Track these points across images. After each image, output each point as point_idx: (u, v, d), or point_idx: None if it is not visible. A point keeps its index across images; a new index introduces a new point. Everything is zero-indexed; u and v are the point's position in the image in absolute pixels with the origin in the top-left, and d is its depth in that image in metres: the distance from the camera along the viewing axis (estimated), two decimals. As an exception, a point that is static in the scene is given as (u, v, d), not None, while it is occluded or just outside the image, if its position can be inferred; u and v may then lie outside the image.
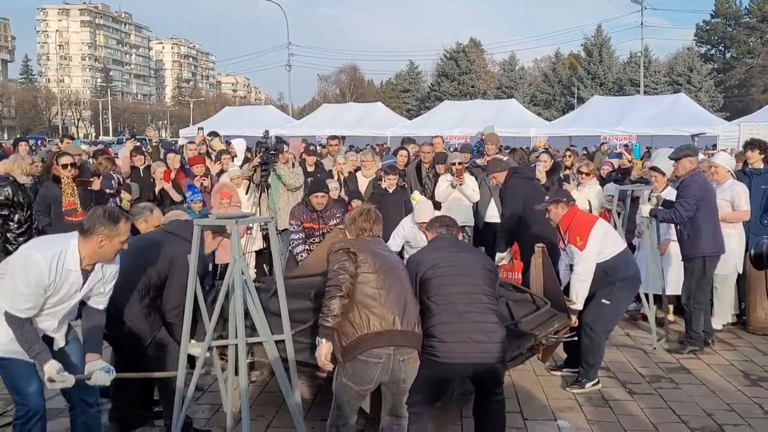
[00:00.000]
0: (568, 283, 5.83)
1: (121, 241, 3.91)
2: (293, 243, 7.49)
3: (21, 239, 7.85)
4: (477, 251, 4.73)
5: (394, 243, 7.08)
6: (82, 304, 4.07)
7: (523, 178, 7.67)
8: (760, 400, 5.69)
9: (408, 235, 7.15)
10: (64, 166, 7.70)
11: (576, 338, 5.76)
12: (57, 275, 3.79)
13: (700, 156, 8.81)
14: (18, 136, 62.04)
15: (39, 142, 31.10)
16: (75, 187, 7.68)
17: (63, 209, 7.53)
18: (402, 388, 4.09)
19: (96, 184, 7.97)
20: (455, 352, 4.08)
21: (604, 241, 5.80)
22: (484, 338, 4.13)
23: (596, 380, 5.93)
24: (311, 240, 7.43)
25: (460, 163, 8.70)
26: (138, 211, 5.37)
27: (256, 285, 4.68)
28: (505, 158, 9.54)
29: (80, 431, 4.17)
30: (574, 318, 5.64)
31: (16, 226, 8.00)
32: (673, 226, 7.22)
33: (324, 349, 3.90)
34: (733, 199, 7.41)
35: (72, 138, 13.41)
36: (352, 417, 4.12)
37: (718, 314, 7.63)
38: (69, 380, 3.78)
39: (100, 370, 3.94)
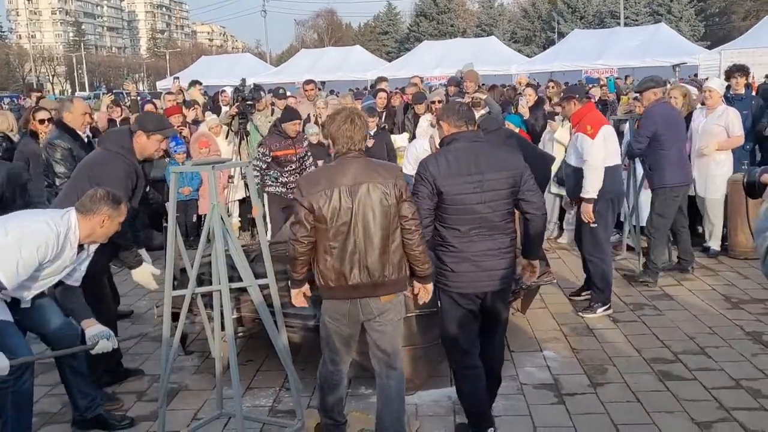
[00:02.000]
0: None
1: (120, 221, 3.98)
2: (262, 178, 7.44)
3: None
4: (504, 153, 4.01)
5: (409, 167, 6.74)
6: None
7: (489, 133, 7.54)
8: (741, 322, 5.79)
9: (422, 156, 7.05)
10: (41, 122, 7.55)
11: (554, 281, 5.95)
12: (58, 251, 3.80)
13: (692, 89, 8.77)
14: (-8, 95, 60.93)
15: (14, 99, 30.53)
16: (51, 143, 7.53)
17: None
18: (381, 326, 3.75)
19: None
20: (463, 282, 3.88)
21: (607, 145, 5.89)
22: (493, 265, 3.88)
23: (608, 305, 6.10)
24: (288, 169, 7.45)
25: (439, 101, 8.61)
26: (60, 106, 5.45)
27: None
28: (485, 96, 9.47)
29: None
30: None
31: None
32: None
33: (293, 293, 3.87)
34: (727, 125, 7.39)
35: (39, 91, 13.11)
36: (339, 362, 3.87)
37: (714, 237, 7.76)
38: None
39: (104, 339, 3.98)
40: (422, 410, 4.46)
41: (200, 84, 13.46)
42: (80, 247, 3.98)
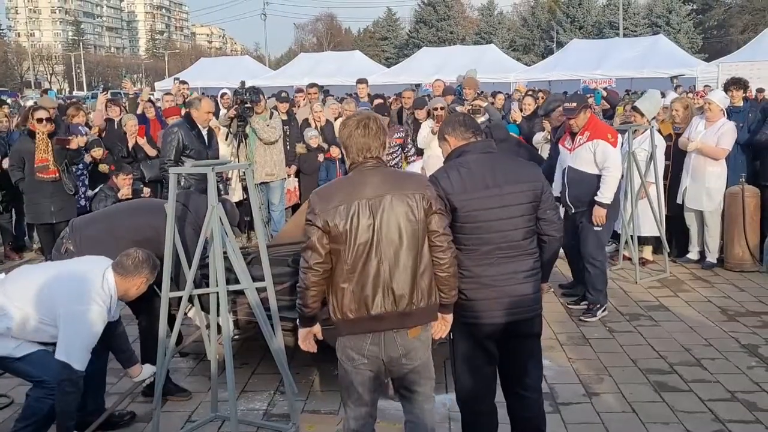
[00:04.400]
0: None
1: (149, 284, 4.08)
2: None
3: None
4: (521, 164, 3.68)
5: None
6: None
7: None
8: (736, 334, 5.79)
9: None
10: (39, 120, 7.52)
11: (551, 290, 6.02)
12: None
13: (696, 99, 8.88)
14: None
15: (12, 98, 30.50)
16: (49, 143, 7.52)
17: (35, 165, 7.38)
18: (406, 367, 3.21)
19: (74, 143, 7.81)
20: (480, 311, 3.39)
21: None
22: (516, 291, 3.40)
23: (605, 306, 6.27)
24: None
25: (441, 108, 8.59)
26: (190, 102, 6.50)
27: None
28: (485, 103, 9.48)
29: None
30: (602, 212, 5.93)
31: None
32: (653, 169, 7.30)
33: (302, 334, 3.37)
34: (718, 138, 7.41)
35: (46, 91, 13.11)
36: (365, 415, 3.28)
37: (711, 249, 7.77)
38: None
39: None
40: (417, 417, 4.43)
41: (185, 84, 13.48)
42: None
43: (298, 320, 3.42)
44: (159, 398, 4.13)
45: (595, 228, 6.06)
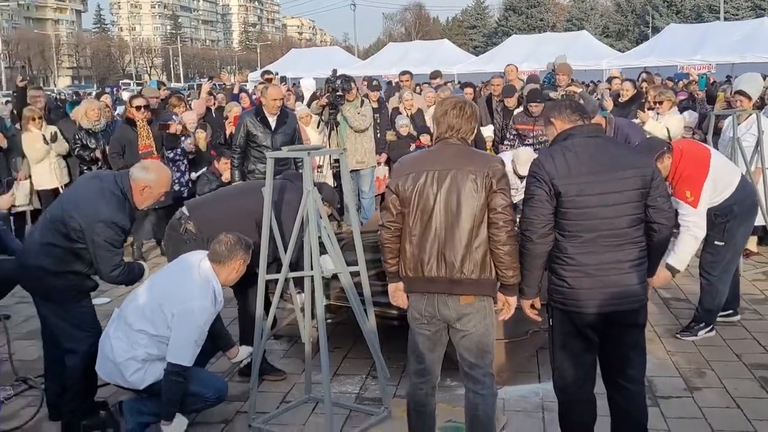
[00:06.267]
0: None
1: (246, 264, 4.15)
2: None
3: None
4: (628, 149, 3.67)
5: None
6: None
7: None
8: None
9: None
10: (138, 108, 7.82)
11: None
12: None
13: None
14: (96, 85, 63.82)
15: (114, 89, 31.84)
16: (149, 130, 7.80)
17: (139, 151, 7.67)
18: (463, 333, 3.40)
19: (173, 128, 8.07)
20: (581, 299, 3.32)
21: (717, 184, 4.97)
22: (619, 281, 3.30)
23: (710, 327, 5.40)
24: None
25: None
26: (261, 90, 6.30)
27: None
28: (579, 90, 9.25)
29: None
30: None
31: (86, 168, 8.22)
32: (760, 155, 6.86)
33: (390, 288, 3.61)
34: None
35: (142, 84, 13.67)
36: (424, 372, 3.52)
37: None
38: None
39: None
40: (509, 405, 4.39)
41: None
42: None
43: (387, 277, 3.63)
44: (256, 378, 4.24)
45: (716, 243, 5.20)
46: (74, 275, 4.00)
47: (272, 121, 6.94)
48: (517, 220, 3.40)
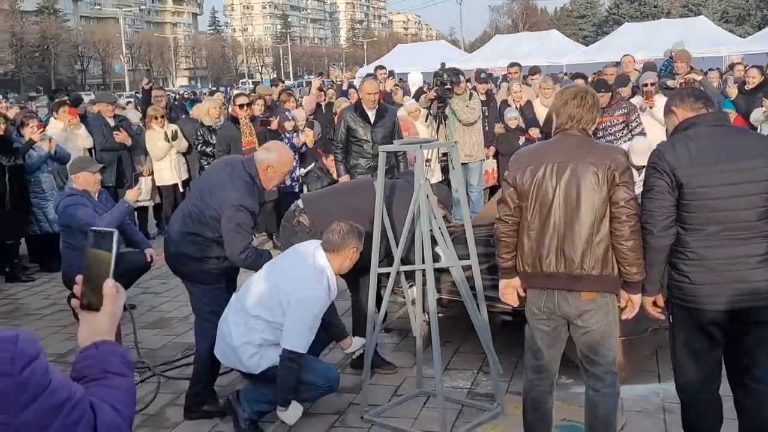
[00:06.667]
0: None
1: (359, 252, 4.17)
2: None
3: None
4: (758, 137, 3.45)
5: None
6: None
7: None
8: None
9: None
10: (241, 106, 8.07)
11: None
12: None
13: None
14: (210, 85, 66.51)
15: (228, 88, 33.06)
16: (252, 127, 8.02)
17: (243, 149, 7.89)
18: (582, 329, 3.29)
19: (274, 124, 8.27)
20: (704, 296, 3.15)
21: None
22: (746, 276, 3.11)
23: None
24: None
25: (651, 84, 8.10)
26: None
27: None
28: (699, 77, 8.83)
29: None
30: None
31: (206, 164, 8.54)
32: None
33: (502, 284, 3.52)
34: None
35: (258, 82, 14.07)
36: (541, 368, 3.45)
37: None
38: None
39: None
40: (629, 405, 4.23)
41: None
42: None
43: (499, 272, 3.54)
44: (368, 370, 4.27)
45: None
46: (216, 260, 4.24)
47: (371, 116, 7.00)
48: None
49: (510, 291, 3.49)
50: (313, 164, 8.39)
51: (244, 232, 4.07)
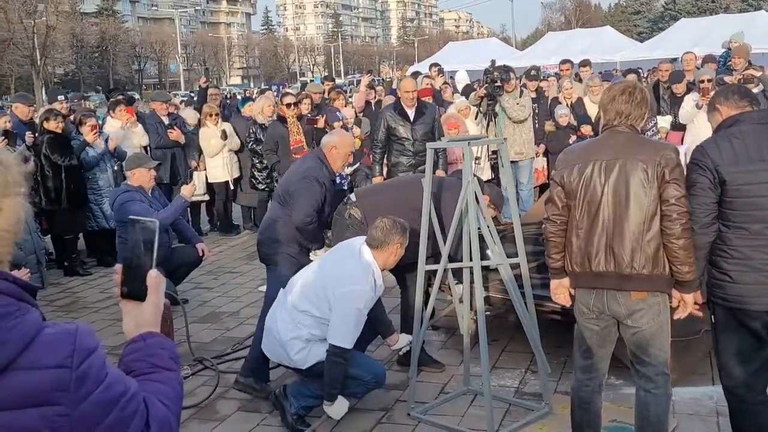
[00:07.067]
0: None
1: (404, 248, 4.19)
2: None
3: (264, 176, 8.60)
4: None
5: None
6: None
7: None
8: None
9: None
10: (288, 105, 8.16)
11: None
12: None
13: None
14: (262, 84, 67.34)
15: (280, 87, 33.40)
16: (299, 125, 8.08)
17: (291, 147, 7.96)
18: (635, 329, 3.22)
19: (321, 122, 8.33)
20: (748, 295, 3.12)
21: None
22: None
23: None
24: None
25: (708, 80, 7.89)
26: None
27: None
28: (759, 73, 8.58)
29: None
30: None
31: (260, 164, 8.66)
32: None
33: (552, 285, 3.47)
34: None
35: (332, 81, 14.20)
36: (590, 368, 3.41)
37: None
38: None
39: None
40: (680, 408, 4.15)
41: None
42: None
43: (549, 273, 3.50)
44: (415, 368, 4.28)
45: None
46: (298, 246, 4.67)
47: (410, 114, 7.00)
48: None
49: (561, 291, 3.44)
50: (358, 163, 8.44)
51: (312, 200, 4.48)
